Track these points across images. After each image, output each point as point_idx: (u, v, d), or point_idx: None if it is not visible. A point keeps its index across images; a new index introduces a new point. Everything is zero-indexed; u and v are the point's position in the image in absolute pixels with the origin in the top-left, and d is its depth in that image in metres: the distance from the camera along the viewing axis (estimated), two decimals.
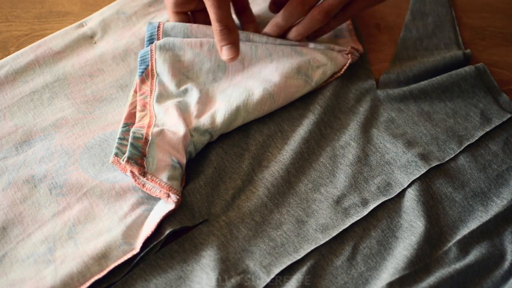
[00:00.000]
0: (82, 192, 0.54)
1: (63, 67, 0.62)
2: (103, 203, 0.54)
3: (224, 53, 0.58)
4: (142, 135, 0.54)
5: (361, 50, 0.64)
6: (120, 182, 0.55)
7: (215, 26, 0.58)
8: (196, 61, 0.61)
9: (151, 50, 0.61)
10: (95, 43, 0.64)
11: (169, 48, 0.61)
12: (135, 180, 0.53)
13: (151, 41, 0.62)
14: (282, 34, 0.63)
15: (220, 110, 0.58)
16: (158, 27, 0.62)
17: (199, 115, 0.58)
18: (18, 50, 0.63)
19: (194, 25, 0.61)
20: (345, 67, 0.63)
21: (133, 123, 0.57)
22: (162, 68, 0.60)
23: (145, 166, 0.52)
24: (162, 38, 0.61)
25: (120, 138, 0.55)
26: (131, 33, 0.65)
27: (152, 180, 0.52)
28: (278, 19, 0.61)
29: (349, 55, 0.63)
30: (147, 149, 0.53)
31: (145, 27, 0.65)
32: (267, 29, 0.62)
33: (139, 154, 0.52)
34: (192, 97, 0.59)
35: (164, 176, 0.52)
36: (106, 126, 0.59)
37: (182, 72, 0.60)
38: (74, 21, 0.66)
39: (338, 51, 0.63)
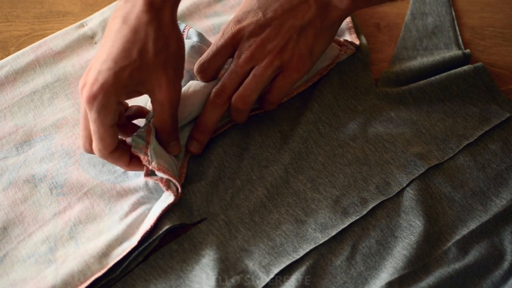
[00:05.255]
0: (82, 192, 0.54)
1: (63, 67, 0.62)
2: (104, 203, 0.54)
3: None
4: (147, 125, 0.53)
5: (356, 44, 0.64)
6: (121, 183, 0.55)
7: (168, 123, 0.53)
8: None
9: None
10: (95, 43, 0.64)
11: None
12: (146, 175, 0.53)
13: None
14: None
15: None
16: (183, 30, 0.60)
17: None
18: (18, 50, 0.63)
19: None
20: (337, 59, 0.62)
21: None
22: None
23: (149, 154, 0.51)
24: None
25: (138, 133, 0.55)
26: None
27: (159, 168, 0.51)
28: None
29: (342, 47, 0.62)
30: (150, 137, 0.52)
31: None
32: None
33: (143, 143, 0.52)
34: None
35: (164, 163, 0.51)
36: None
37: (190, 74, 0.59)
38: (74, 21, 0.66)
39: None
